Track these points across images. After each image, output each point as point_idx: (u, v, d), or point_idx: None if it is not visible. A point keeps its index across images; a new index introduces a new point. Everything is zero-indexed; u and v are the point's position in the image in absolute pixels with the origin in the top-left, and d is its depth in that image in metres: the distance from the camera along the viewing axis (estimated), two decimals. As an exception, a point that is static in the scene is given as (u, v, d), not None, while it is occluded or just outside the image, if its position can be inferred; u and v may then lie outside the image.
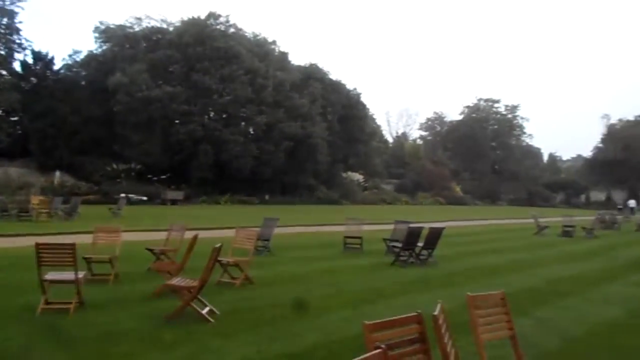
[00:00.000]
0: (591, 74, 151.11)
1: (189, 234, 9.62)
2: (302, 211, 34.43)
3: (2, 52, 39.33)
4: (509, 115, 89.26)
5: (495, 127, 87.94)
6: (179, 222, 11.87)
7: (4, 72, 39.82)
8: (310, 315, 7.31)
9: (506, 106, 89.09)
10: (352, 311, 7.48)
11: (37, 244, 6.81)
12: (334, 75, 56.87)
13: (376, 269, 11.74)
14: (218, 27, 46.61)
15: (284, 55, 52.73)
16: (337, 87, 55.14)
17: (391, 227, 15.41)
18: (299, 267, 11.41)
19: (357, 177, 62.11)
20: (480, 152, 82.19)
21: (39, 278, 6.83)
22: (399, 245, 12.55)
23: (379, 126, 78.95)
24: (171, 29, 46.98)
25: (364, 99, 59.42)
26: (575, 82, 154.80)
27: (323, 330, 6.49)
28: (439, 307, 3.53)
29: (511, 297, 8.82)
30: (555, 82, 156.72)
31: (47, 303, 6.86)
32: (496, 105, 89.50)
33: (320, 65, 55.65)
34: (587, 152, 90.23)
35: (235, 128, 44.43)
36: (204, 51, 43.27)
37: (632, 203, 58.24)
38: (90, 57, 45.44)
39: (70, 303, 6.90)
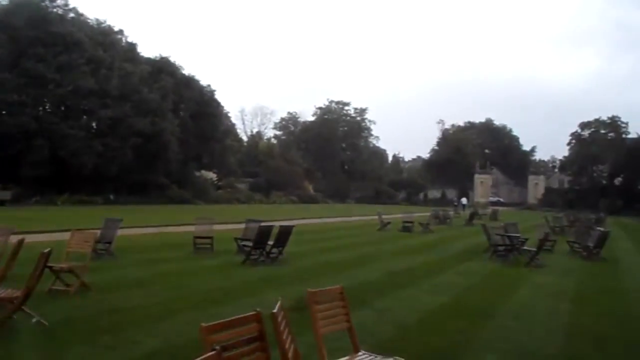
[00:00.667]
0: (430, 81, 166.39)
1: (15, 239, 8.58)
2: (151, 211, 32.77)
3: None
4: (358, 118, 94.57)
5: (346, 128, 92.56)
6: (2, 225, 10.52)
7: None
8: (152, 320, 6.96)
9: (355, 109, 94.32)
10: (198, 313, 7.27)
11: None
12: (186, 70, 55.16)
13: (226, 268, 11.60)
14: (55, 10, 42.39)
15: (131, 46, 49.72)
16: (190, 83, 53.55)
17: (243, 226, 15.36)
18: (143, 270, 10.81)
19: (211, 175, 61.00)
20: (332, 152, 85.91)
21: None
22: (250, 244, 12.54)
23: (233, 124, 78.50)
24: (-4, 7, 41.70)
25: (218, 96, 58.55)
26: (416, 89, 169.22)
27: (165, 335, 6.22)
28: (278, 304, 3.55)
29: (355, 290, 9.37)
30: (400, 88, 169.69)
31: None
32: (346, 107, 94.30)
33: (172, 59, 53.59)
34: (425, 154, 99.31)
35: (75, 122, 40.78)
36: (37, 35, 38.92)
37: (464, 200, 65.46)
38: None
39: None
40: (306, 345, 5.00)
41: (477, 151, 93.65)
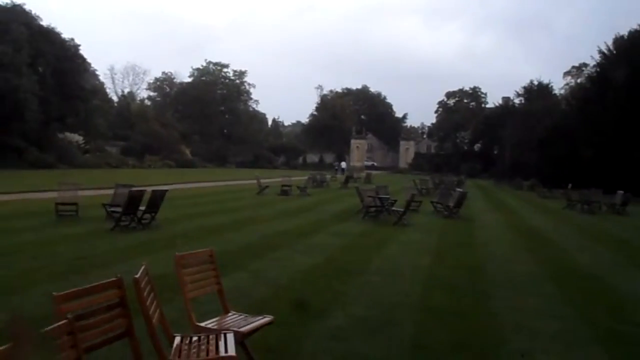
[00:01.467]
0: (310, 46, 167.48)
1: None
2: (6, 177, 29.64)
3: None
4: (237, 81, 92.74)
5: (224, 91, 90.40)
6: None
7: None
8: (8, 293, 6.39)
9: (234, 71, 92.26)
10: (59, 284, 6.77)
11: None
12: (45, 21, 49.65)
13: (93, 236, 10.92)
14: None
15: (-27, -12, 43.52)
16: (49, 36, 48.34)
17: (113, 191, 14.51)
18: (-3, 241, 9.82)
19: (77, 138, 56.45)
20: (210, 116, 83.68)
21: None
22: (119, 210, 11.91)
23: (102, 83, 72.95)
24: None
25: (83, 51, 53.66)
26: (296, 54, 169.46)
27: (20, 309, 5.74)
28: (142, 269, 3.43)
29: (230, 254, 9.36)
30: (280, 52, 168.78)
31: None
32: (225, 70, 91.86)
33: (26, 8, 47.83)
34: (305, 119, 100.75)
35: None
36: None
37: (343, 164, 67.78)
38: None
39: None
40: (179, 310, 4.94)
41: (354, 117, 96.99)
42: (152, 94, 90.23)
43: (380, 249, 10.88)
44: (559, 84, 75.93)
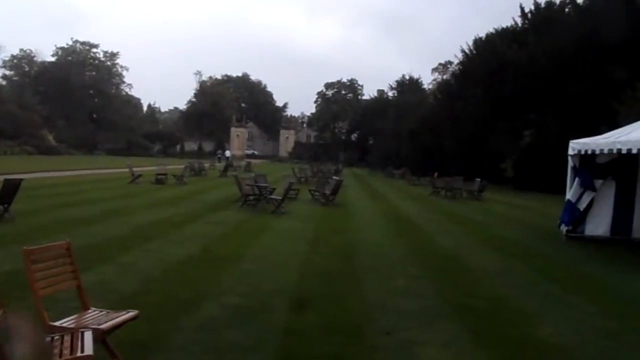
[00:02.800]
0: (187, 31, 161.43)
1: None
2: None
3: None
4: (108, 63, 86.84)
5: (94, 73, 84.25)
6: None
7: None
8: None
9: (105, 52, 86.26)
10: None
11: None
12: None
13: None
14: None
15: None
16: None
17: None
18: None
19: None
20: (77, 99, 77.53)
21: None
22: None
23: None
24: None
25: None
26: (173, 38, 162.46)
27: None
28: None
29: (97, 246, 8.82)
30: (156, 35, 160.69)
31: None
32: (94, 50, 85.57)
33: None
34: (183, 105, 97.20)
35: None
36: None
37: (227, 153, 66.57)
38: None
39: None
40: (32, 309, 4.50)
41: (234, 105, 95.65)
42: (7, 72, 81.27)
43: (258, 237, 10.87)
44: (427, 79, 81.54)
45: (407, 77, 70.80)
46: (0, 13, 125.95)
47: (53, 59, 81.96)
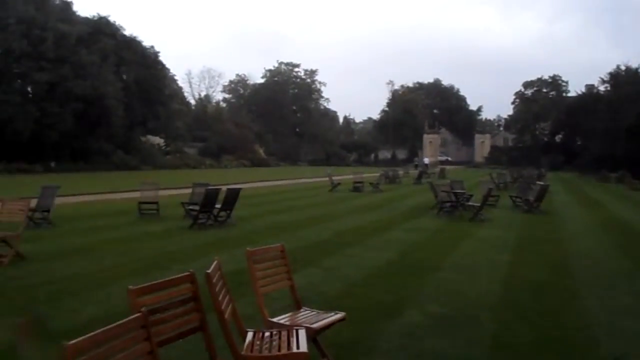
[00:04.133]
0: (380, 42, 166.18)
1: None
2: (95, 178, 31.66)
3: None
4: (308, 80, 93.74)
5: (296, 90, 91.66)
6: None
7: None
8: (93, 288, 6.74)
9: (305, 71, 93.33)
10: (141, 279, 7.05)
11: None
12: (128, 31, 52.67)
13: (173, 233, 11.36)
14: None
15: (66, 5, 46.81)
16: (131, 45, 51.22)
17: (190, 190, 15.05)
18: (84, 238, 10.45)
19: (158, 140, 59.33)
20: (282, 115, 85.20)
21: None
22: (197, 208, 12.30)
23: (180, 88, 76.17)
24: None
25: (162, 58, 56.44)
26: (367, 50, 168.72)
27: (106, 303, 6.04)
28: (214, 264, 3.46)
29: (303, 250, 9.38)
30: (350, 49, 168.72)
31: None
32: (296, 69, 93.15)
33: (111, 19, 50.91)
34: (376, 115, 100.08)
35: (8, 86, 38.41)
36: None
37: (426, 160, 66.37)
38: None
39: None
40: (252, 305, 4.96)
41: (426, 111, 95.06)
42: (227, 96, 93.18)
43: (456, 245, 10.51)
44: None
45: (623, 68, 62.11)
46: (221, 46, 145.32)
47: (262, 81, 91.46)
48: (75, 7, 47.60)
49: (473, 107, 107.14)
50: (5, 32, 37.30)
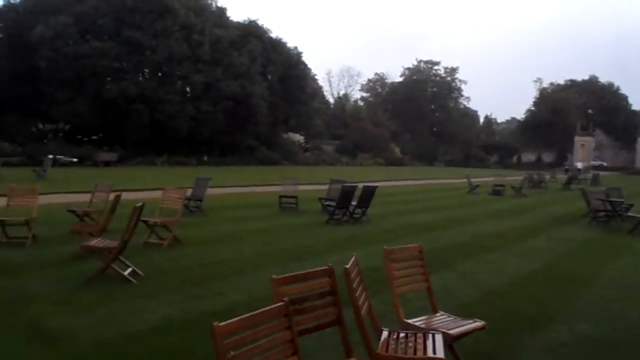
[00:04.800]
0: (526, 35, 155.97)
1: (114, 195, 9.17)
2: (241, 172, 34.00)
3: None
4: (448, 78, 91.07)
5: (435, 89, 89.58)
6: (103, 182, 11.32)
7: None
8: (238, 274, 7.22)
9: (445, 68, 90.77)
10: (281, 269, 7.42)
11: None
12: (274, 34, 55.66)
13: (310, 227, 11.76)
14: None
15: (221, 11, 50.82)
16: (277, 46, 54.01)
17: (327, 187, 15.45)
18: (231, 227, 11.25)
19: (298, 138, 61.88)
20: (420, 114, 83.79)
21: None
22: (333, 204, 12.59)
23: (320, 87, 78.58)
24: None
25: (305, 58, 58.76)
26: (510, 47, 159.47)
27: (249, 289, 6.42)
28: (352, 260, 3.48)
29: (438, 252, 9.13)
30: (493, 46, 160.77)
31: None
32: (436, 67, 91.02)
33: (260, 23, 54.21)
34: (520, 115, 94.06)
35: (170, 87, 42.79)
36: (134, 4, 40.78)
37: (579, 165, 61.10)
38: (8, 7, 41.82)
39: (-22, 268, 6.46)
40: (385, 303, 4.93)
41: (579, 111, 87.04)
42: (365, 94, 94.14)
43: (613, 259, 9.46)
44: None
45: None
46: (360, 45, 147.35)
47: (401, 79, 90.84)
48: (228, 13, 51.49)
49: (636, 106, 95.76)
50: (170, 39, 41.54)
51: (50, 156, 27.48)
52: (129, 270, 6.66)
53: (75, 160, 34.82)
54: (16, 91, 37.88)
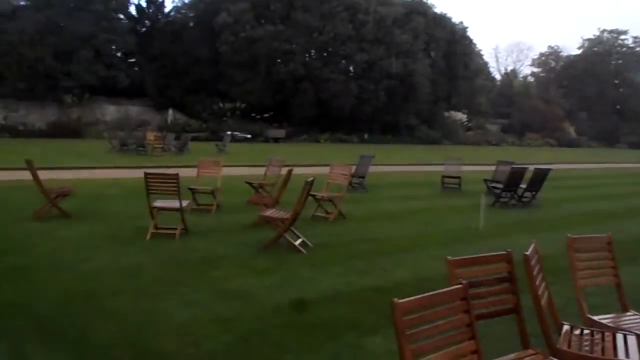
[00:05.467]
0: None
1: (286, 170, 9.82)
2: (402, 150, 33.95)
3: (119, -3, 41.69)
4: (638, 49, 79.88)
5: (620, 61, 79.30)
6: (275, 157, 12.16)
7: (121, 16, 42.23)
8: (401, 251, 7.28)
9: (635, 38, 79.64)
10: (444, 250, 7.30)
11: (146, 174, 7.33)
12: (438, 9, 53.92)
13: (474, 209, 11.27)
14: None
15: (387, -13, 50.58)
16: (441, 21, 52.20)
17: (493, 168, 14.72)
18: (393, 205, 11.35)
19: (460, 116, 59.64)
20: (600, 91, 74.94)
21: (148, 205, 7.38)
22: (500, 186, 11.98)
23: (485, 63, 74.30)
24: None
25: (470, 33, 56.05)
26: None
27: (413, 267, 6.45)
28: (532, 246, 3.29)
29: (621, 244, 8.15)
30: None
31: (156, 228, 7.42)
32: (622, 37, 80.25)
33: (424, -1, 52.82)
34: None
35: (335, 66, 44.04)
36: (305, -13, 42.55)
37: None
38: (198, -2, 46.49)
39: (176, 229, 7.42)
40: (559, 295, 4.61)
41: None
42: (535, 70, 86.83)
43: None
44: None
45: None
46: (532, 17, 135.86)
47: (578, 52, 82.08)
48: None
49: None
50: (334, 19, 42.63)
51: (229, 132, 30.34)
52: (299, 240, 7.10)
53: (249, 136, 37.92)
54: (202, 73, 42.21)
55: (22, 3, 37.90)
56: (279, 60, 42.59)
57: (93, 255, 6.44)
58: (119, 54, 41.08)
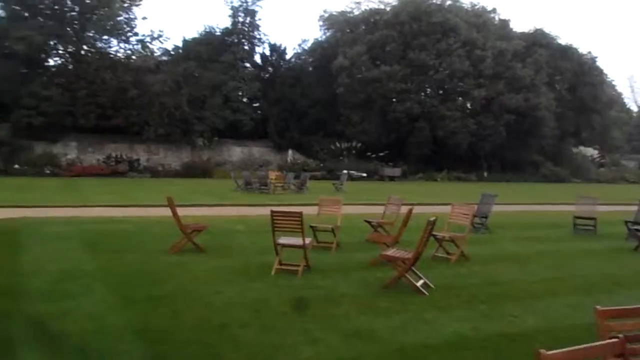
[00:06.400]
0: None
1: (404, 209, 9.73)
2: (525, 189, 32.11)
3: (247, 47, 45.12)
4: None
5: None
6: (395, 196, 12.11)
7: (247, 65, 45.53)
8: (530, 297, 6.82)
9: None
10: (581, 298, 6.73)
11: (272, 211, 7.67)
12: (563, 40, 51.07)
13: (614, 254, 10.34)
14: (434, 1, 45.62)
15: (504, 23, 49.16)
16: (566, 53, 49.37)
17: (634, 208, 13.35)
18: (519, 247, 10.70)
19: (591, 152, 55.27)
20: None
21: (274, 241, 7.69)
22: (644, 228, 10.82)
23: (619, 94, 68.66)
24: (388, 9, 47.52)
25: (600, 63, 52.33)
26: None
27: (545, 315, 6.00)
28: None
29: None
30: None
31: (280, 264, 7.70)
32: None
33: (546, 30, 50.48)
34: None
35: (451, 103, 43.33)
36: (419, 28, 42.80)
37: None
38: (316, 44, 48.72)
39: (299, 266, 7.63)
40: None
41: None
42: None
43: None
44: None
45: None
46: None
47: None
48: (512, 24, 49.51)
49: None
50: (451, 56, 42.19)
51: (345, 171, 30.83)
52: (421, 281, 6.95)
53: (364, 175, 38.30)
54: (320, 115, 43.82)
55: (164, 58, 42.44)
56: (394, 100, 42.87)
57: (224, 289, 6.81)
58: (244, 99, 44.05)
